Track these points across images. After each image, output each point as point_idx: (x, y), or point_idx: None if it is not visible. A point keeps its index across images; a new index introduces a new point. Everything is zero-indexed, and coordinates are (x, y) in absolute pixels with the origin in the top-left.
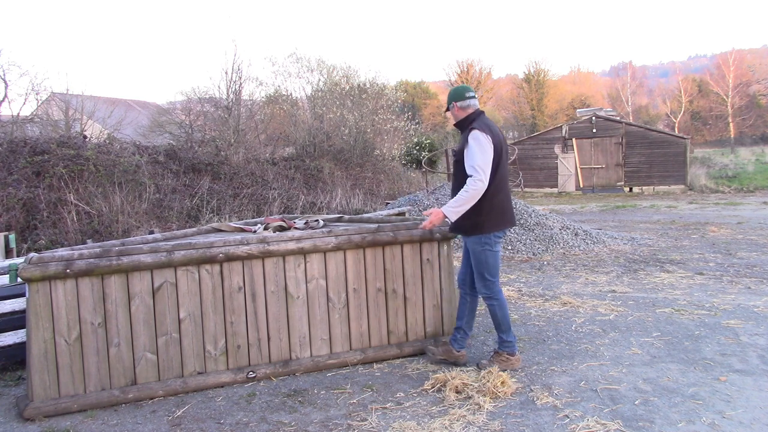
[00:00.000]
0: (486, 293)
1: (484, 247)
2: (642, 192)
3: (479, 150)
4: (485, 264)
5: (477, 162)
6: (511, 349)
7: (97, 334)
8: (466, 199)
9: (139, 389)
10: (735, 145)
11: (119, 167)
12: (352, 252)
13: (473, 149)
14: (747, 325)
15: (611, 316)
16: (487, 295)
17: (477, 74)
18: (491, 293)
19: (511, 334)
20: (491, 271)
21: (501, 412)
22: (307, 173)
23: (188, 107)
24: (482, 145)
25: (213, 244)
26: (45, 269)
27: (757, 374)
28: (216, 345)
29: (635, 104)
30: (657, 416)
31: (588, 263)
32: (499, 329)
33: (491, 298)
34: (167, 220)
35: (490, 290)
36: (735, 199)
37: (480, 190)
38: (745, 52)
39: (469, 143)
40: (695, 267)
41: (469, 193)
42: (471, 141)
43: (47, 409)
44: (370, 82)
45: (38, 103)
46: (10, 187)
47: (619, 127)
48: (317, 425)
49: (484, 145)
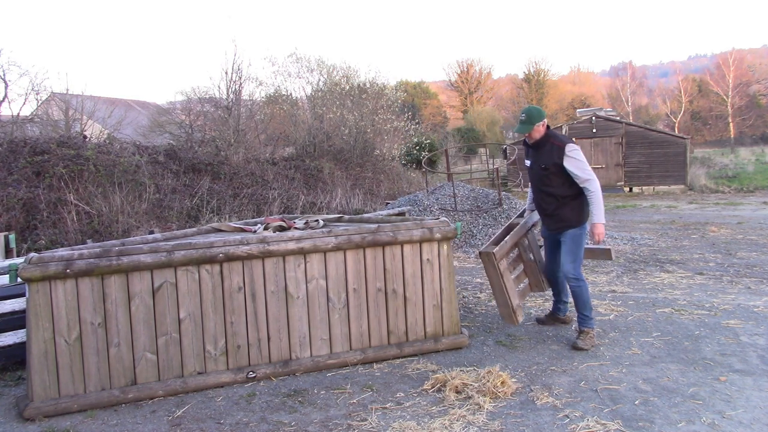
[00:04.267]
0: (574, 275)
1: (582, 234)
2: (642, 192)
3: (582, 158)
4: (578, 250)
5: (586, 168)
6: (592, 324)
7: (97, 334)
8: (599, 199)
9: (139, 389)
10: (735, 145)
11: (119, 167)
12: (352, 252)
13: (579, 159)
14: (747, 325)
15: (611, 316)
16: (575, 276)
17: (477, 74)
18: (578, 275)
19: (592, 311)
20: (581, 256)
21: (501, 412)
22: (307, 173)
23: (188, 107)
24: (581, 154)
25: (213, 244)
26: (45, 269)
27: (757, 374)
28: (216, 345)
29: (635, 104)
30: (657, 416)
31: (588, 263)
32: (584, 308)
33: (579, 279)
34: (167, 220)
35: (577, 272)
36: (735, 199)
37: (599, 186)
38: (745, 52)
39: (570, 155)
40: (695, 267)
41: (598, 195)
42: (572, 154)
43: (47, 409)
44: (370, 82)
45: (38, 103)
46: (10, 187)
47: (619, 127)
48: (317, 425)
49: (581, 154)
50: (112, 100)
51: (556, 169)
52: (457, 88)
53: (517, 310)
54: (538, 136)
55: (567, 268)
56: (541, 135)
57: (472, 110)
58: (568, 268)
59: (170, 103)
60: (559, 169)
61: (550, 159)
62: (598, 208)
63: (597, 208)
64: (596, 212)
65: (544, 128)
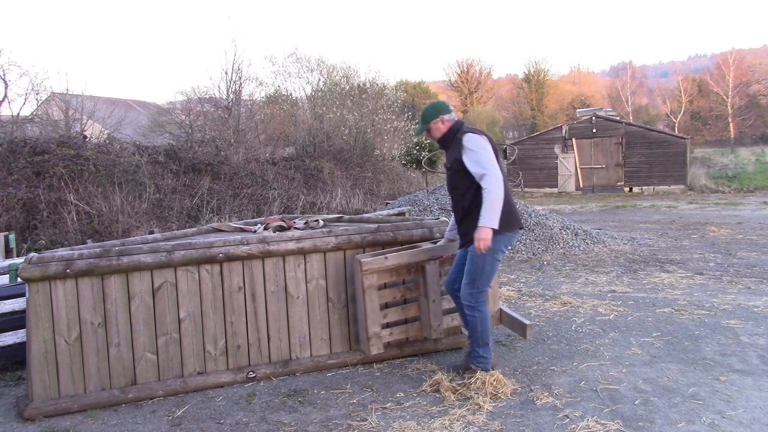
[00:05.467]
0: (470, 303)
1: (487, 251)
2: (642, 192)
3: (481, 149)
4: (481, 271)
5: (483, 160)
6: (485, 365)
7: (97, 334)
8: (493, 199)
9: (139, 389)
10: (735, 145)
11: (119, 167)
12: (352, 252)
13: (475, 151)
14: (747, 325)
15: (611, 316)
16: (471, 305)
17: (477, 74)
18: (476, 304)
19: (489, 349)
20: (484, 280)
21: (501, 412)
22: (307, 173)
23: (188, 107)
24: (481, 144)
25: (213, 244)
26: (45, 269)
27: (757, 374)
28: (216, 345)
29: (635, 104)
30: (657, 416)
31: (588, 263)
32: (476, 342)
33: (474, 309)
34: (167, 220)
35: (476, 301)
36: (735, 199)
37: (500, 185)
38: (745, 52)
39: (467, 147)
40: (695, 267)
41: (491, 192)
42: (469, 145)
43: (47, 409)
44: (370, 82)
45: (38, 103)
46: (10, 187)
47: (619, 127)
48: (317, 425)
49: (483, 144)
50: (112, 100)
51: (459, 167)
52: (457, 88)
53: (373, 338)
54: (439, 134)
55: (463, 291)
56: (444, 132)
57: (472, 110)
58: (464, 293)
59: (170, 103)
60: (461, 167)
61: (452, 156)
62: (490, 210)
63: (488, 209)
64: (485, 214)
65: (447, 125)
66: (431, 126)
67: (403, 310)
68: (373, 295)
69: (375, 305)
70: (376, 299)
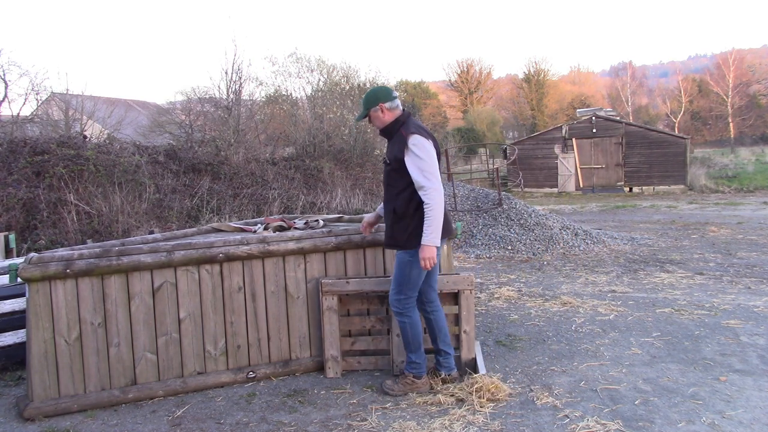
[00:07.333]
0: (398, 309)
1: (414, 258)
2: (642, 192)
3: (426, 156)
4: (407, 278)
5: (427, 169)
6: (418, 370)
7: (97, 334)
8: (435, 215)
9: (139, 389)
10: (735, 145)
11: (119, 167)
12: (352, 252)
13: (420, 158)
14: (747, 325)
15: (611, 316)
16: (399, 311)
17: (477, 74)
18: (403, 310)
19: (421, 354)
20: (412, 286)
21: (501, 412)
22: (307, 173)
23: (188, 107)
24: (427, 150)
25: (213, 244)
26: (45, 269)
27: (757, 374)
28: (216, 345)
29: (635, 104)
30: (657, 416)
31: (588, 263)
32: (407, 348)
33: (402, 314)
34: (167, 220)
35: (403, 307)
36: (735, 199)
37: (440, 198)
38: (745, 52)
39: (412, 150)
40: (695, 267)
41: (434, 209)
42: (414, 149)
43: (47, 409)
44: (370, 82)
45: (38, 103)
46: (10, 187)
47: (619, 127)
48: (317, 425)
49: (429, 150)
50: (112, 100)
51: (399, 166)
52: (457, 88)
53: (330, 361)
54: (380, 123)
55: (391, 298)
56: (386, 123)
57: (472, 110)
58: (392, 299)
59: (170, 103)
60: (401, 166)
61: (393, 152)
62: (432, 227)
63: (430, 226)
64: (428, 231)
65: (389, 114)
66: (371, 114)
67: (374, 340)
68: (333, 318)
69: (334, 328)
70: (335, 322)
